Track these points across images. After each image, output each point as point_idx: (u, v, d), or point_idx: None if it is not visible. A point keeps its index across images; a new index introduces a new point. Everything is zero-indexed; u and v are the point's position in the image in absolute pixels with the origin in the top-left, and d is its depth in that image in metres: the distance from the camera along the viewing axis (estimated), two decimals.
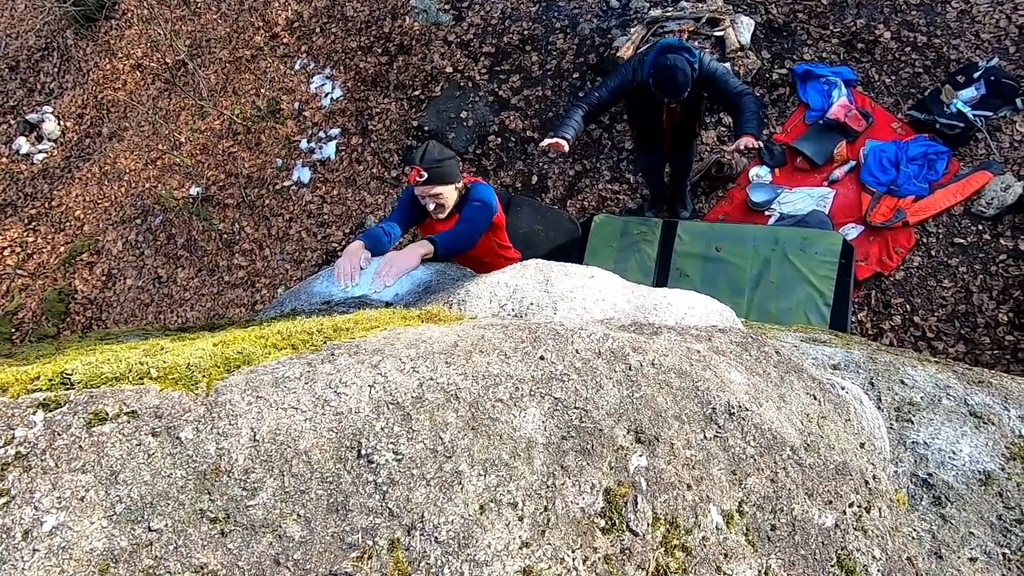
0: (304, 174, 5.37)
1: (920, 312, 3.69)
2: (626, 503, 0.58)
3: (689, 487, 0.63)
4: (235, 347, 0.66)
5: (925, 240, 3.78)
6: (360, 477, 0.52)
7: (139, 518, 0.47)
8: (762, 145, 2.59)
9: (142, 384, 0.55)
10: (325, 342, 0.68)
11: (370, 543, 0.49)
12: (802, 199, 4.01)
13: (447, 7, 5.36)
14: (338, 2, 5.76)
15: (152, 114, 5.96)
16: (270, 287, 5.25)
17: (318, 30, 5.74)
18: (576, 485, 0.58)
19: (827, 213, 3.93)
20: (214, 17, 6.10)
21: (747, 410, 0.72)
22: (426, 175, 2.10)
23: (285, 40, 5.81)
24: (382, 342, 0.65)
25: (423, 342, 0.65)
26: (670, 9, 4.58)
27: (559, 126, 2.77)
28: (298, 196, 5.31)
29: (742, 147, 2.54)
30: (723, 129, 4.32)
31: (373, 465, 0.52)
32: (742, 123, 2.61)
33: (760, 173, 4.13)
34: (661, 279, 3.64)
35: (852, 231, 3.87)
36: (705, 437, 0.68)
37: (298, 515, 0.49)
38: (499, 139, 4.85)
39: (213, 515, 0.48)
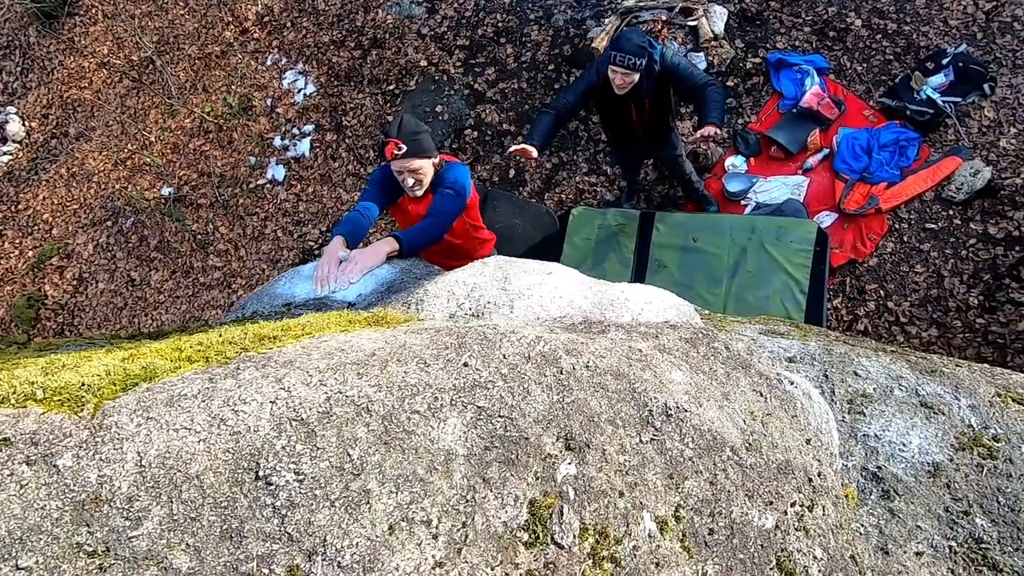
0: (278, 172, 5.27)
1: (894, 297, 3.72)
2: (551, 514, 0.56)
3: (621, 494, 0.61)
4: (142, 362, 0.62)
5: (897, 226, 3.81)
6: (257, 500, 0.49)
7: (5, 556, 0.44)
8: (726, 133, 2.60)
9: (24, 407, 0.51)
10: (240, 353, 0.64)
11: (266, 571, 0.46)
12: (777, 188, 4.02)
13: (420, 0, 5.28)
14: None
15: (120, 113, 5.82)
16: (247, 287, 5.16)
17: (289, 24, 5.63)
18: (498, 498, 0.56)
19: (802, 201, 3.95)
20: (182, 12, 5.95)
21: (686, 411, 0.70)
22: (404, 147, 2.01)
23: (255, 35, 5.69)
24: (298, 352, 0.62)
25: (341, 351, 0.62)
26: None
27: (529, 133, 2.78)
28: (273, 194, 5.21)
29: (702, 135, 2.54)
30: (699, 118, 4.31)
31: (272, 487, 0.49)
32: (704, 113, 2.61)
33: (735, 163, 4.12)
34: (639, 270, 3.64)
35: (826, 219, 3.89)
36: (641, 441, 0.66)
37: (187, 545, 0.46)
38: (475, 132, 4.80)
39: (91, 548, 0.45)
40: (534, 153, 2.68)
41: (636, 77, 2.65)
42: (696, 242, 3.60)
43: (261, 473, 0.49)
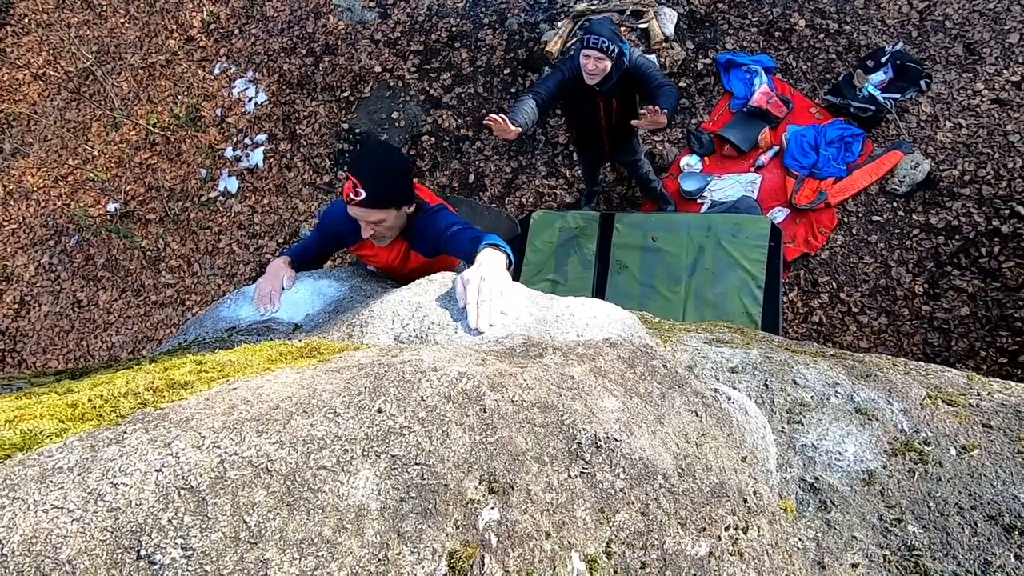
0: (231, 183, 5.11)
1: (845, 288, 3.84)
2: (472, 565, 0.54)
3: (548, 535, 0.59)
4: (25, 425, 0.57)
5: (846, 219, 3.93)
6: None
7: None
8: (667, 121, 2.57)
9: None
10: (138, 409, 0.60)
11: None
12: (731, 185, 4.10)
13: (372, 5, 5.19)
14: (256, 2, 5.49)
15: (59, 127, 5.55)
16: (202, 304, 4.99)
17: (237, 32, 5.46)
18: (414, 552, 0.53)
19: (755, 198, 4.04)
20: (122, 21, 5.71)
21: (617, 440, 0.69)
22: (363, 194, 1.54)
23: (202, 43, 5.50)
24: (199, 407, 0.58)
25: (246, 403, 0.58)
26: (595, 2, 4.57)
27: (511, 112, 2.61)
28: (226, 207, 5.05)
29: (650, 110, 2.46)
30: None
31: (156, 567, 0.45)
32: (657, 100, 2.59)
33: (690, 162, 4.19)
34: (601, 272, 3.66)
35: (779, 214, 3.99)
36: (570, 476, 0.64)
37: None
38: (433, 139, 4.75)
39: None
40: (512, 127, 2.48)
41: (608, 65, 2.61)
42: (655, 241, 3.64)
43: (143, 552, 0.45)
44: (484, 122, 2.60)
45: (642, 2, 4.38)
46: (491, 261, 1.35)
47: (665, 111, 2.49)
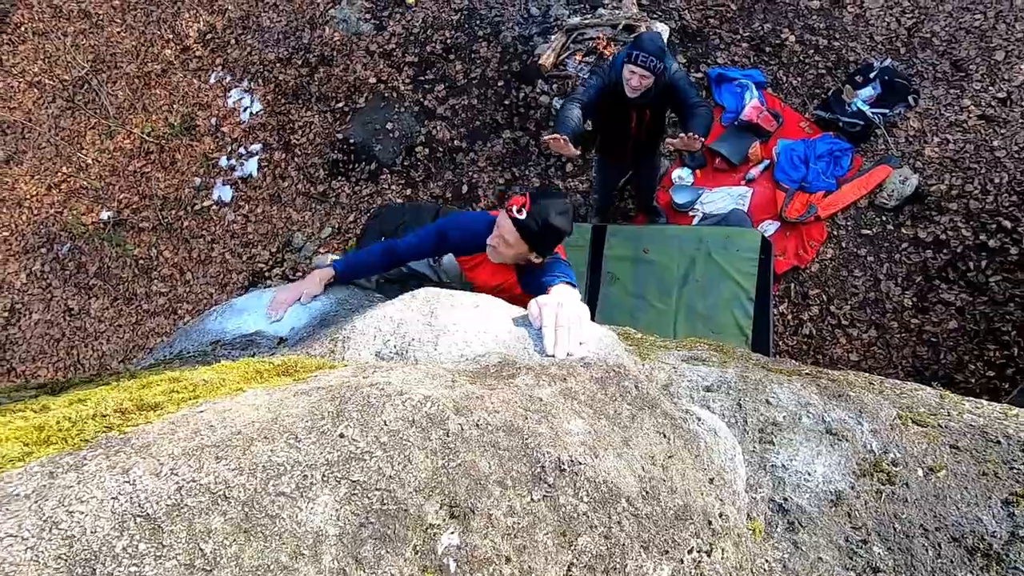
0: (225, 193, 5.12)
1: (835, 301, 3.87)
2: None
3: (508, 559, 0.60)
4: None
5: (836, 233, 3.96)
6: None
7: None
8: (701, 146, 2.60)
9: None
10: (104, 432, 0.60)
11: None
12: (722, 198, 4.13)
13: (368, 17, 5.24)
14: (252, 12, 5.53)
15: (54, 135, 5.56)
16: (194, 313, 4.98)
17: (233, 42, 5.50)
18: None
19: (746, 211, 4.07)
20: (118, 30, 5.74)
21: (581, 463, 0.70)
22: (524, 217, 1.60)
23: (198, 53, 5.53)
24: (162, 432, 0.58)
25: (210, 428, 0.59)
26: (588, 16, 4.63)
27: (559, 124, 2.61)
28: (219, 216, 5.06)
29: (686, 136, 2.49)
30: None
31: None
32: (692, 123, 2.60)
33: (682, 175, 4.22)
34: (593, 284, 3.67)
35: (770, 227, 4.02)
36: (532, 500, 0.65)
37: None
38: (427, 150, 4.78)
39: None
40: (572, 148, 2.49)
41: (651, 81, 2.61)
42: (647, 254, 3.65)
43: None
44: (543, 139, 2.59)
45: (634, 17, 4.44)
46: (568, 292, 1.40)
47: (700, 136, 2.52)
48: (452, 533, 0.59)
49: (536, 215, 1.62)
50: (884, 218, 3.92)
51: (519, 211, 1.63)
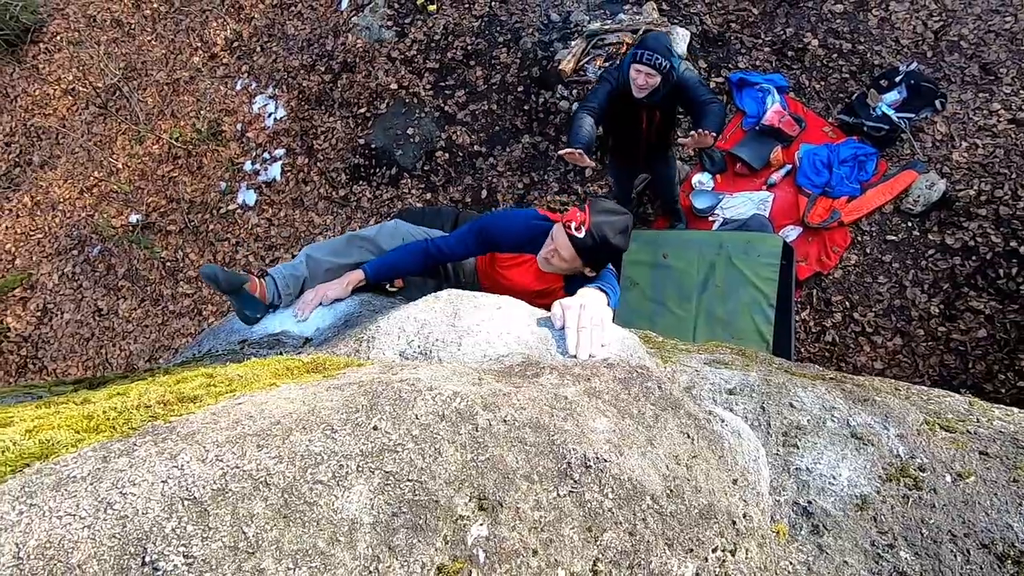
0: (249, 197, 5.23)
1: (859, 308, 3.80)
2: None
3: (535, 552, 0.61)
4: (44, 435, 0.60)
5: (860, 238, 3.90)
6: None
7: None
8: (713, 142, 2.60)
9: None
10: (151, 421, 0.63)
11: None
12: (743, 203, 4.10)
13: (390, 24, 5.33)
14: (278, 21, 5.66)
15: (86, 140, 5.74)
16: (217, 315, 5.09)
17: (258, 49, 5.63)
18: (404, 566, 0.55)
19: (767, 216, 4.03)
20: (149, 39, 5.92)
21: (606, 461, 0.71)
22: (582, 236, 1.54)
23: (224, 60, 5.68)
24: (205, 421, 0.61)
25: (250, 418, 0.61)
26: (609, 22, 4.64)
27: (573, 136, 2.63)
28: (244, 220, 5.17)
29: (698, 134, 2.50)
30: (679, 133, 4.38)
31: (159, 572, 0.48)
32: (704, 121, 2.60)
33: (702, 180, 4.20)
34: None
35: (792, 232, 3.97)
36: (559, 495, 0.66)
37: None
38: (447, 154, 4.83)
39: None
40: (588, 159, 2.52)
41: (658, 80, 2.62)
42: (666, 259, 3.63)
43: (148, 558, 0.48)
44: (560, 154, 2.63)
45: (655, 22, 4.44)
46: (593, 295, 1.37)
47: (712, 132, 2.52)
48: (481, 525, 0.61)
49: (595, 233, 1.56)
50: (910, 224, 3.84)
51: (577, 229, 1.57)
